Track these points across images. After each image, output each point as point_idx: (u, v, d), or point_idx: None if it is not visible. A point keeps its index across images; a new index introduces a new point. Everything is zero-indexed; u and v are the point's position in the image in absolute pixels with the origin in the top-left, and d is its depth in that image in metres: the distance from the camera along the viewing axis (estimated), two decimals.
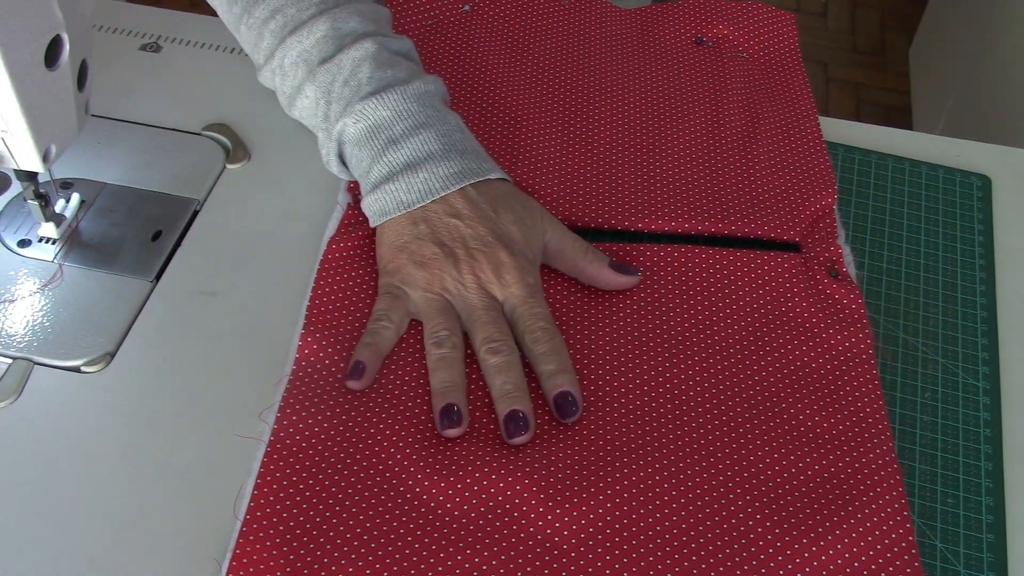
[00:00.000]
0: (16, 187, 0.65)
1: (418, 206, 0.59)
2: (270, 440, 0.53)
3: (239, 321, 0.60)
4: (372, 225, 0.61)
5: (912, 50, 2.10)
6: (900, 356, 0.60)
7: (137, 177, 0.67)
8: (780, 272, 0.62)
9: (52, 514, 0.51)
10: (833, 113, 2.01)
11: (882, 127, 0.74)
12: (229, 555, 0.49)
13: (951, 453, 0.56)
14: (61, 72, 0.54)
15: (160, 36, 0.77)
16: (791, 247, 0.64)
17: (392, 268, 0.59)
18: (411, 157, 0.59)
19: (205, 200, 0.66)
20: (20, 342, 0.57)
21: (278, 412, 0.54)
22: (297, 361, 0.57)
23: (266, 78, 0.66)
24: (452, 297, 0.58)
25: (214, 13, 0.71)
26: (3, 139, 0.54)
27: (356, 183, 0.66)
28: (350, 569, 0.48)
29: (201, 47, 0.77)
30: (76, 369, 0.57)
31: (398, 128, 0.60)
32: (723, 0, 0.79)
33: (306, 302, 0.59)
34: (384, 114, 0.60)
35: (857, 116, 2.00)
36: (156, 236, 0.64)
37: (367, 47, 0.62)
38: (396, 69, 0.62)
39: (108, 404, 0.56)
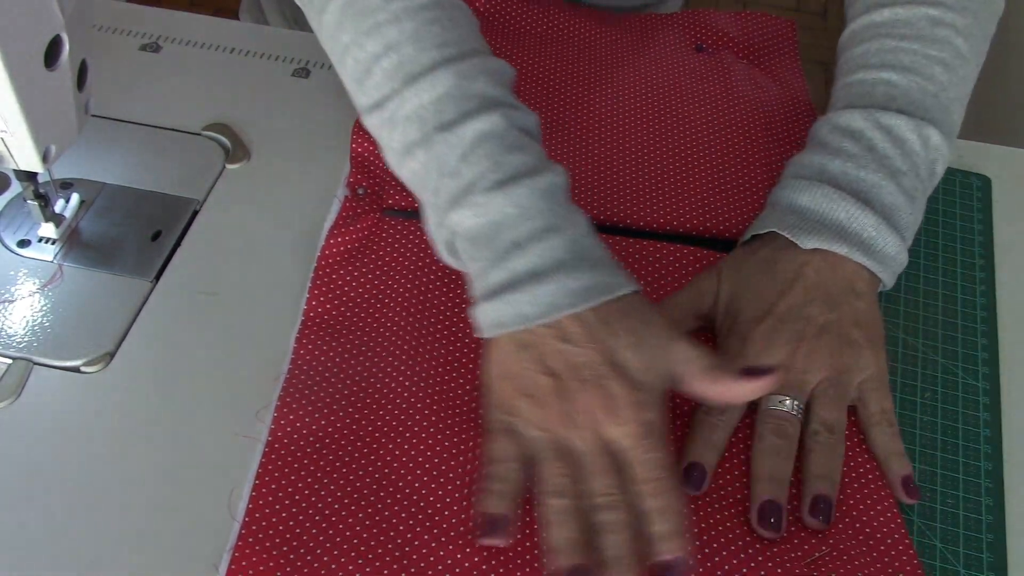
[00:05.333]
0: (16, 187, 0.65)
1: (522, 327, 0.51)
2: (267, 440, 0.53)
3: (239, 321, 0.60)
4: (483, 336, 0.54)
5: None
6: (900, 356, 0.60)
7: (137, 177, 0.67)
8: None
9: (52, 514, 0.51)
10: None
11: None
12: (227, 556, 0.49)
13: (951, 453, 0.56)
14: (61, 72, 0.54)
15: (160, 36, 0.77)
16: None
17: (499, 400, 0.53)
18: (537, 265, 0.51)
19: (205, 200, 0.66)
20: (20, 342, 0.57)
21: (275, 411, 0.54)
22: (293, 360, 0.57)
23: (371, 125, 0.58)
24: (562, 437, 0.51)
25: (214, 13, 0.70)
26: (3, 139, 0.54)
27: (354, 178, 0.66)
28: (349, 567, 0.49)
29: (201, 47, 0.77)
30: (76, 369, 0.57)
31: (524, 229, 0.52)
32: (723, 11, 0.79)
33: (303, 303, 0.59)
34: (509, 211, 0.52)
35: None
36: (156, 236, 0.64)
37: (494, 121, 0.54)
38: (524, 154, 0.54)
39: (108, 404, 0.56)
